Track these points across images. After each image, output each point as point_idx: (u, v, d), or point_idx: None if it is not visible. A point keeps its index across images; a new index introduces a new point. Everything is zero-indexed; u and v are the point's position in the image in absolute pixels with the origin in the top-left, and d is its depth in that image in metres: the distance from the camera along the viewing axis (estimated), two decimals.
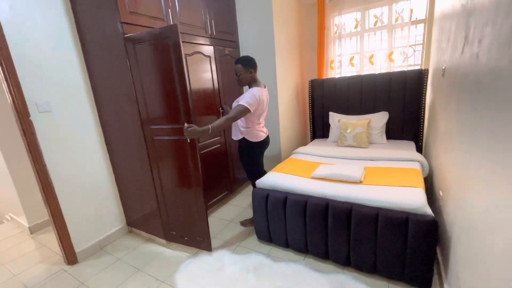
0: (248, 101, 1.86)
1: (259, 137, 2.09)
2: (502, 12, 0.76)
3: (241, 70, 1.98)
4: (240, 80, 2.02)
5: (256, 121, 2.05)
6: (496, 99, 0.79)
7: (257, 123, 2.07)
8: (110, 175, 2.28)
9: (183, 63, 1.72)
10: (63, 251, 2.00)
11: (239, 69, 1.98)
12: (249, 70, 1.98)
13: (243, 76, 1.99)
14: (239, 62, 1.98)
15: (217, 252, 2.00)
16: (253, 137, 2.06)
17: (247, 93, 1.93)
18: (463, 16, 1.24)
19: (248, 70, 1.98)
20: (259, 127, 2.10)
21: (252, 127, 2.05)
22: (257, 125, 2.07)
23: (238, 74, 1.99)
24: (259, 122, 2.08)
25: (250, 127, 2.05)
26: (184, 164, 2.23)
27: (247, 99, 1.87)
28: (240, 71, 1.98)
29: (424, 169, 2.06)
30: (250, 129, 2.05)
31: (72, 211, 2.01)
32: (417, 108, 2.68)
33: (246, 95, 1.92)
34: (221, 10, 2.61)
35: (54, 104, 1.88)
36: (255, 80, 2.03)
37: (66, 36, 1.92)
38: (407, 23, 2.78)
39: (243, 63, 1.97)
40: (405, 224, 1.45)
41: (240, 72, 1.98)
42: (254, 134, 2.06)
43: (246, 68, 1.97)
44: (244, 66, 1.97)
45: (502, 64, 0.75)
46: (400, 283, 1.56)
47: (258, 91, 1.93)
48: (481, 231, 0.91)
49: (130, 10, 1.73)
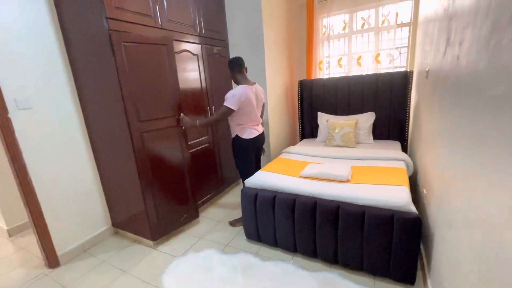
0: (228, 101, 1.99)
1: (251, 135, 2.15)
2: (481, 15, 0.78)
3: (230, 74, 2.17)
4: (234, 81, 2.18)
5: (247, 119, 2.11)
6: (475, 100, 0.82)
7: (250, 121, 2.13)
8: (95, 174, 2.21)
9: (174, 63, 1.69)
10: (44, 254, 1.92)
11: (229, 73, 2.17)
12: (233, 71, 2.12)
13: (233, 78, 2.16)
14: (228, 66, 2.16)
15: (205, 252, 1.97)
16: (245, 134, 2.13)
17: (228, 94, 2.02)
18: (445, 20, 1.28)
19: (232, 72, 2.13)
20: (252, 124, 2.16)
21: (245, 125, 2.13)
22: (249, 122, 2.14)
23: (231, 77, 2.18)
24: (251, 120, 2.14)
25: (243, 125, 2.12)
26: (172, 161, 2.20)
27: (228, 99, 2.00)
28: (230, 75, 2.18)
29: (409, 168, 2.11)
30: (243, 126, 2.13)
31: (54, 212, 1.94)
32: (403, 109, 2.75)
33: (228, 95, 2.01)
34: (210, 8, 2.59)
35: (34, 100, 1.81)
36: (239, 80, 2.13)
37: (48, 29, 1.85)
38: (393, 26, 2.85)
39: (228, 66, 2.14)
40: (391, 221, 1.48)
41: (231, 75, 2.17)
42: (246, 131, 2.13)
43: (230, 70, 2.13)
44: (230, 69, 2.14)
45: (481, 65, 0.77)
46: (386, 279, 1.59)
47: (239, 90, 2.01)
48: (460, 227, 0.94)
49: (116, 6, 1.69)
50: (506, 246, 0.60)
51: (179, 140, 2.20)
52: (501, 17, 0.65)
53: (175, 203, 2.27)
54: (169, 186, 2.18)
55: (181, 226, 2.37)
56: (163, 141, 2.07)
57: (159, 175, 2.08)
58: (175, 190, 2.25)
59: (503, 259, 0.61)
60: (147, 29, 1.92)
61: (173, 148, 2.17)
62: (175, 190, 2.25)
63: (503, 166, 0.62)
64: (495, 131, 0.67)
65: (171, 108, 2.11)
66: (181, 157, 2.24)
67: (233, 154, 2.26)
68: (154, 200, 2.06)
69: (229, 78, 2.94)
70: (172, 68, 2.11)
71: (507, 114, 0.60)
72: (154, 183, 2.04)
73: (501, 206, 0.63)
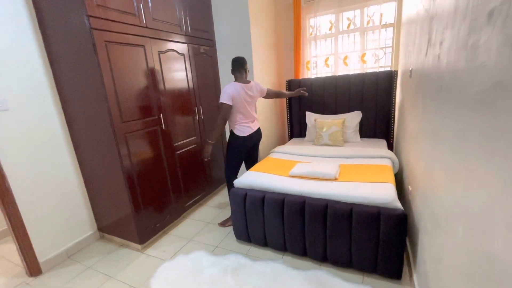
0: (222, 98, 2.05)
1: (245, 132, 2.21)
2: (459, 16, 0.81)
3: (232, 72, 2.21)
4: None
5: (240, 116, 2.18)
6: (456, 98, 0.84)
7: (243, 117, 2.19)
8: (78, 177, 2.14)
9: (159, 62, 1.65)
10: (25, 262, 1.84)
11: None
12: (232, 69, 2.18)
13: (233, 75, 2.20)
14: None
15: (194, 254, 1.95)
16: (239, 131, 2.20)
17: (222, 91, 2.09)
18: (427, 20, 1.31)
19: (232, 69, 2.19)
20: (246, 122, 2.22)
21: (239, 121, 2.19)
22: (243, 119, 2.20)
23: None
24: (245, 117, 2.20)
25: (237, 122, 2.20)
26: (159, 162, 2.16)
27: (221, 96, 2.06)
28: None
29: (394, 166, 2.16)
30: (237, 123, 2.20)
31: (35, 218, 1.86)
32: (388, 107, 2.81)
33: (221, 93, 2.08)
34: (197, 7, 2.56)
35: (12, 102, 1.73)
36: (236, 78, 2.19)
37: (25, 27, 1.77)
38: (378, 26, 2.91)
39: (231, 67, 2.19)
40: (377, 218, 1.51)
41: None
42: (239, 128, 2.20)
43: (233, 70, 2.18)
44: (232, 69, 2.19)
45: (460, 65, 0.80)
46: (373, 275, 1.62)
47: (230, 87, 2.08)
48: (443, 221, 0.96)
49: (97, 3, 1.64)
50: (485, 240, 0.61)
51: (161, 140, 2.17)
52: (478, 18, 0.67)
53: (163, 204, 2.23)
54: (155, 187, 2.14)
55: (169, 228, 2.33)
56: (146, 141, 2.04)
57: (145, 177, 2.04)
58: (161, 191, 2.22)
59: (483, 253, 0.63)
60: (131, 27, 1.88)
61: (157, 149, 2.14)
62: (161, 191, 2.22)
63: (483, 162, 0.64)
64: (475, 128, 0.69)
65: (153, 108, 2.08)
66: (164, 157, 2.21)
67: (226, 149, 2.32)
68: (141, 202, 2.02)
69: (217, 77, 2.92)
70: (156, 68, 2.08)
71: (485, 112, 0.62)
72: (139, 184, 2.00)
73: (479, 201, 0.65)
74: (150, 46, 2.04)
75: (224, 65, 2.89)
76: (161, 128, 2.16)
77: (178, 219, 2.44)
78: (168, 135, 2.25)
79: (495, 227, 0.57)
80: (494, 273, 0.57)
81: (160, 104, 2.16)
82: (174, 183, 2.36)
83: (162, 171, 2.21)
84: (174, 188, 2.35)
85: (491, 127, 0.59)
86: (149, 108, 2.06)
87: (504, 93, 0.53)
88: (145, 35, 1.99)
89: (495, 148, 0.57)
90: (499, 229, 0.55)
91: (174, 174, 2.35)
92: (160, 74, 2.15)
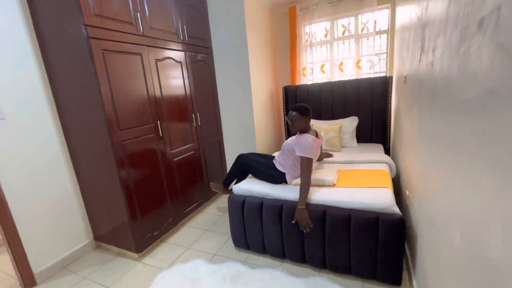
0: (306, 152, 1.81)
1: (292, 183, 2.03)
2: (451, 24, 0.83)
3: (297, 118, 1.96)
4: (294, 127, 1.99)
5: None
6: (450, 104, 0.86)
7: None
8: (74, 186, 2.12)
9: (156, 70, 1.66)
10: (19, 273, 1.80)
11: (295, 117, 1.96)
12: (305, 119, 1.96)
13: (298, 124, 1.97)
14: (295, 110, 1.96)
15: (192, 263, 1.92)
16: (289, 179, 2.01)
17: (303, 142, 1.87)
18: (419, 28, 1.34)
19: (304, 119, 1.95)
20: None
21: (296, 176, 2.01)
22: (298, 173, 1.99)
23: (294, 121, 1.97)
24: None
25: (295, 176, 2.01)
26: (156, 170, 2.15)
27: (305, 150, 1.82)
28: (295, 119, 1.96)
29: (392, 170, 2.17)
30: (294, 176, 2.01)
31: (29, 227, 1.83)
32: (384, 112, 2.84)
33: (302, 145, 1.86)
34: (194, 15, 2.59)
35: (8, 110, 1.72)
36: (309, 128, 2.02)
37: (22, 36, 1.78)
38: (372, 33, 2.96)
39: (300, 111, 1.95)
40: (376, 223, 1.50)
41: (296, 120, 1.96)
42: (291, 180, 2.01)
43: (302, 116, 1.95)
44: (301, 115, 1.95)
45: (453, 71, 0.81)
46: (373, 281, 1.61)
47: (311, 139, 1.89)
48: (441, 226, 0.97)
49: (95, 13, 1.65)
50: (482, 245, 0.62)
51: (158, 148, 2.16)
52: (469, 26, 0.68)
53: (160, 212, 2.21)
54: (152, 195, 2.13)
55: (167, 236, 2.30)
56: (143, 149, 2.03)
57: (142, 184, 2.03)
58: (158, 198, 2.20)
59: (480, 258, 0.63)
60: (128, 36, 1.89)
61: (154, 156, 2.14)
62: (158, 198, 2.20)
63: (478, 166, 0.64)
64: (469, 133, 0.70)
65: (150, 116, 2.08)
66: (162, 164, 2.20)
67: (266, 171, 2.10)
68: (138, 210, 2.00)
69: (214, 85, 2.94)
70: (153, 75, 2.09)
71: (478, 117, 0.63)
72: (136, 192, 1.98)
73: (475, 205, 0.66)
74: (147, 54, 2.05)
75: (221, 73, 2.91)
76: (158, 136, 2.16)
77: (175, 226, 2.42)
78: (165, 142, 2.24)
79: (492, 231, 0.57)
80: (492, 278, 0.57)
81: (157, 112, 2.16)
82: (172, 191, 2.34)
83: (159, 179, 2.20)
84: (171, 196, 2.33)
85: (485, 131, 0.60)
86: (146, 115, 2.06)
87: (495, 99, 0.55)
88: (142, 44, 2.00)
89: (489, 153, 0.58)
90: (496, 233, 0.55)
91: (171, 181, 2.33)
92: (157, 82, 2.16)
